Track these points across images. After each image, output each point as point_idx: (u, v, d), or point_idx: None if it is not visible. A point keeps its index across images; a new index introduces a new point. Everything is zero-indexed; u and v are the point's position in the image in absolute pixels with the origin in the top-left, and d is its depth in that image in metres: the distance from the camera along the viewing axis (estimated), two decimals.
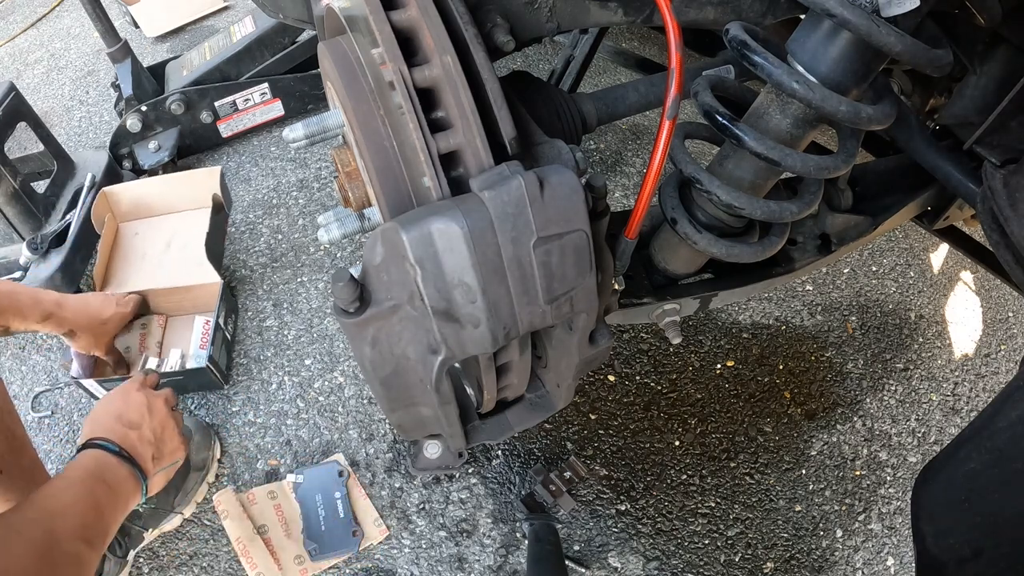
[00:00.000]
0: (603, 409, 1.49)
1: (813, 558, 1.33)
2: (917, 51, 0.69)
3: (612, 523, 1.34)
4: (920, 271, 1.78)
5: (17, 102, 1.59)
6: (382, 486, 1.37)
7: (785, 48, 0.79)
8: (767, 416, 1.50)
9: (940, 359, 1.61)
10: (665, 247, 1.05)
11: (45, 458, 1.43)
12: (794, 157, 0.81)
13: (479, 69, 0.70)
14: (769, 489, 1.40)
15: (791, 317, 1.67)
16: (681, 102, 0.74)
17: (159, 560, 1.29)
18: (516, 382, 0.90)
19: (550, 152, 0.76)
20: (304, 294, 1.68)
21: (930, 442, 1.49)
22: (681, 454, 1.43)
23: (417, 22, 0.69)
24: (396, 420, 0.86)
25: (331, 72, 0.77)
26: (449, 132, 0.69)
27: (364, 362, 0.75)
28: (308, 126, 0.79)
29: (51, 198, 1.67)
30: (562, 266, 0.70)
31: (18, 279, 1.53)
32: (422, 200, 0.73)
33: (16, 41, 2.70)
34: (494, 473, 1.39)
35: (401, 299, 0.69)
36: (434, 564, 1.28)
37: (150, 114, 1.88)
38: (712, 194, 0.87)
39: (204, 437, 1.36)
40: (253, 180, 1.97)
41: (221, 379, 1.49)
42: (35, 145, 1.70)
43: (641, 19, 0.94)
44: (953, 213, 1.18)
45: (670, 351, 1.58)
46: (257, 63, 1.97)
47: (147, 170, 1.88)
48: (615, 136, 2.06)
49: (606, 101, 1.03)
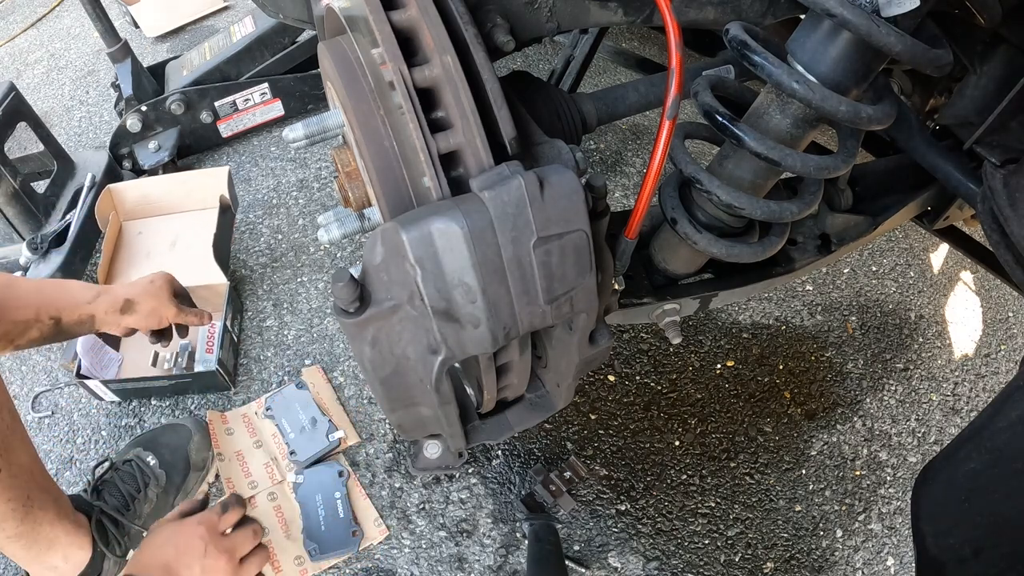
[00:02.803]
0: (603, 409, 1.49)
1: (813, 558, 1.33)
2: (917, 51, 0.69)
3: (612, 523, 1.34)
4: (920, 271, 1.78)
5: (17, 102, 1.59)
6: (382, 486, 1.37)
7: (785, 48, 0.79)
8: (767, 416, 1.50)
9: (940, 359, 1.61)
10: (665, 247, 1.05)
11: (45, 458, 1.43)
12: (794, 157, 0.81)
13: (479, 69, 0.70)
14: (769, 489, 1.40)
15: (791, 317, 1.67)
16: (681, 102, 0.74)
17: None
18: (516, 382, 0.90)
19: (550, 152, 0.76)
20: (304, 294, 1.68)
21: (930, 442, 1.49)
22: (681, 454, 1.43)
23: (417, 22, 0.69)
24: (396, 420, 0.86)
25: (331, 72, 0.77)
26: (449, 132, 0.69)
27: (364, 362, 0.75)
28: (308, 126, 0.79)
29: (51, 198, 1.67)
30: (562, 266, 0.70)
31: None
32: (422, 200, 0.73)
33: (16, 41, 2.70)
34: (494, 473, 1.39)
35: (401, 299, 0.69)
36: (434, 564, 1.28)
37: (150, 114, 1.88)
38: (712, 194, 0.87)
39: (203, 436, 1.36)
40: (253, 180, 1.97)
41: (229, 381, 1.49)
42: (35, 145, 1.70)
43: (641, 19, 0.94)
44: (953, 213, 1.18)
45: (670, 351, 1.58)
46: (257, 63, 1.97)
47: (147, 170, 1.88)
48: (615, 136, 2.06)
49: (606, 101, 1.03)
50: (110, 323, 1.23)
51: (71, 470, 1.42)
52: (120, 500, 1.19)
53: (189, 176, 1.71)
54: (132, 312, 1.24)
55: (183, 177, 1.72)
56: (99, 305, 1.20)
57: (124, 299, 1.22)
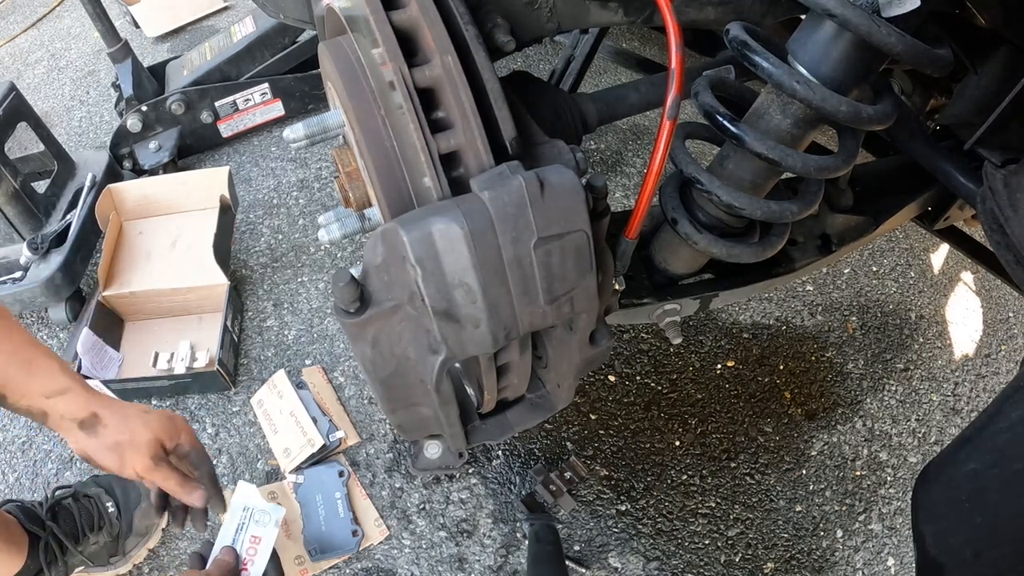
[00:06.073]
0: (603, 409, 1.49)
1: (813, 558, 1.33)
2: (918, 51, 0.69)
3: (612, 523, 1.34)
4: (920, 271, 1.78)
5: (17, 102, 1.59)
6: (382, 486, 1.37)
7: (785, 48, 0.79)
8: (767, 416, 1.50)
9: (940, 359, 1.61)
10: (665, 247, 1.05)
11: (46, 458, 1.44)
12: (794, 157, 0.81)
13: (479, 69, 0.70)
14: (769, 489, 1.40)
15: (791, 317, 1.67)
16: (681, 102, 0.74)
17: (159, 560, 1.29)
18: (516, 382, 0.90)
19: (550, 152, 0.76)
20: (304, 294, 1.68)
21: (930, 442, 1.48)
22: (681, 454, 1.43)
23: (417, 22, 0.69)
24: (397, 420, 0.86)
25: (331, 72, 0.77)
26: (449, 132, 0.69)
27: (365, 362, 0.75)
28: (308, 126, 0.79)
29: (51, 198, 1.67)
30: (562, 266, 0.70)
31: (18, 279, 1.53)
32: (422, 200, 0.73)
33: (16, 41, 2.70)
34: (494, 473, 1.39)
35: (401, 299, 0.69)
36: (434, 564, 1.28)
37: (150, 114, 1.88)
38: (713, 194, 0.87)
39: (150, 506, 1.12)
40: (253, 180, 1.97)
41: (229, 381, 1.49)
42: (35, 145, 1.70)
43: (641, 19, 0.94)
44: (953, 213, 1.18)
45: (670, 351, 1.58)
46: (257, 63, 1.97)
47: (147, 170, 1.88)
48: (615, 136, 2.06)
49: (606, 101, 1.03)
50: (65, 432, 0.96)
51: (71, 470, 1.42)
52: (72, 529, 1.18)
53: (189, 176, 1.71)
54: (93, 433, 0.95)
55: (183, 177, 1.72)
56: (57, 404, 0.94)
57: (91, 411, 0.95)
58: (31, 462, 1.44)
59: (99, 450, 0.96)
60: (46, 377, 0.94)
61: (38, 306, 1.58)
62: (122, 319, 1.62)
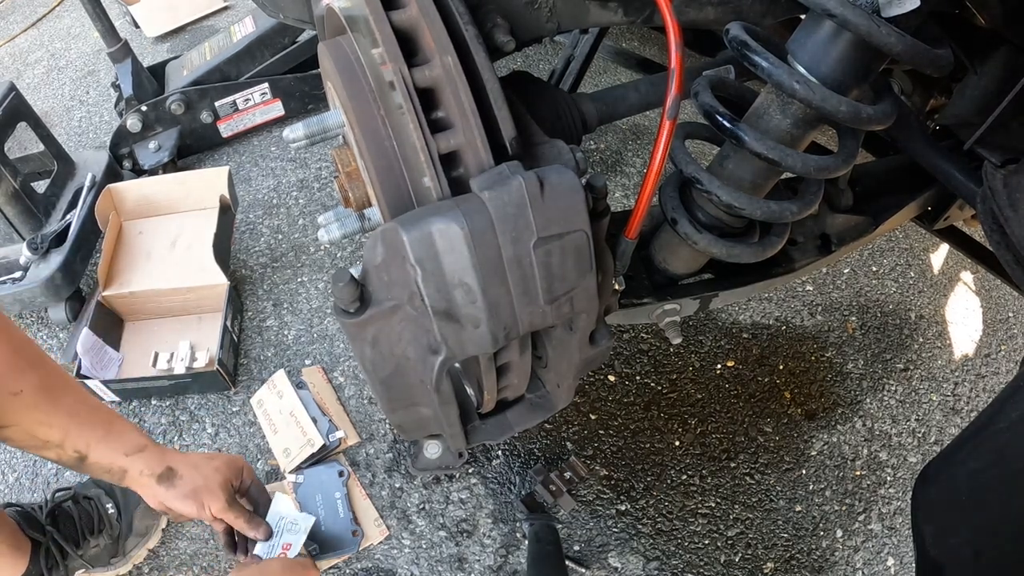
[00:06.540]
0: (603, 409, 1.49)
1: (813, 558, 1.33)
2: (918, 51, 0.69)
3: (612, 523, 1.34)
4: (920, 271, 1.78)
5: (17, 102, 1.59)
6: (382, 486, 1.37)
7: (785, 48, 0.79)
8: (767, 416, 1.50)
9: (940, 359, 1.61)
10: (665, 247, 1.05)
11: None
12: (794, 157, 0.81)
13: (479, 69, 0.70)
14: (769, 489, 1.40)
15: (791, 317, 1.67)
16: (681, 102, 0.74)
17: (159, 560, 1.29)
18: (516, 382, 0.90)
19: (550, 152, 0.76)
20: (304, 294, 1.68)
21: (930, 442, 1.49)
22: (681, 454, 1.43)
23: (417, 22, 0.69)
24: (396, 420, 0.86)
25: (331, 72, 0.77)
26: (449, 132, 0.69)
27: (364, 362, 0.75)
28: (308, 126, 0.79)
29: (51, 198, 1.67)
30: (562, 266, 0.70)
31: (18, 279, 1.53)
32: (422, 200, 0.73)
33: (16, 41, 2.70)
34: (494, 473, 1.39)
35: (401, 299, 0.69)
36: (434, 564, 1.28)
37: (150, 114, 1.88)
38: (712, 194, 0.87)
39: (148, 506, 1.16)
40: (253, 180, 1.97)
41: (229, 381, 1.49)
42: (35, 145, 1.70)
43: (641, 19, 0.94)
44: (953, 213, 1.18)
45: (670, 351, 1.58)
46: (257, 63, 1.97)
47: (147, 170, 1.88)
48: (615, 136, 2.06)
49: (606, 101, 1.03)
50: (143, 487, 1.05)
51: (70, 470, 1.42)
52: (73, 533, 1.18)
53: (189, 176, 1.71)
54: (170, 485, 1.04)
55: (183, 177, 1.72)
56: (136, 461, 1.02)
57: (167, 466, 1.04)
58: (31, 462, 1.44)
59: (177, 499, 1.05)
60: (125, 437, 1.02)
61: (38, 306, 1.58)
62: (122, 319, 1.62)
